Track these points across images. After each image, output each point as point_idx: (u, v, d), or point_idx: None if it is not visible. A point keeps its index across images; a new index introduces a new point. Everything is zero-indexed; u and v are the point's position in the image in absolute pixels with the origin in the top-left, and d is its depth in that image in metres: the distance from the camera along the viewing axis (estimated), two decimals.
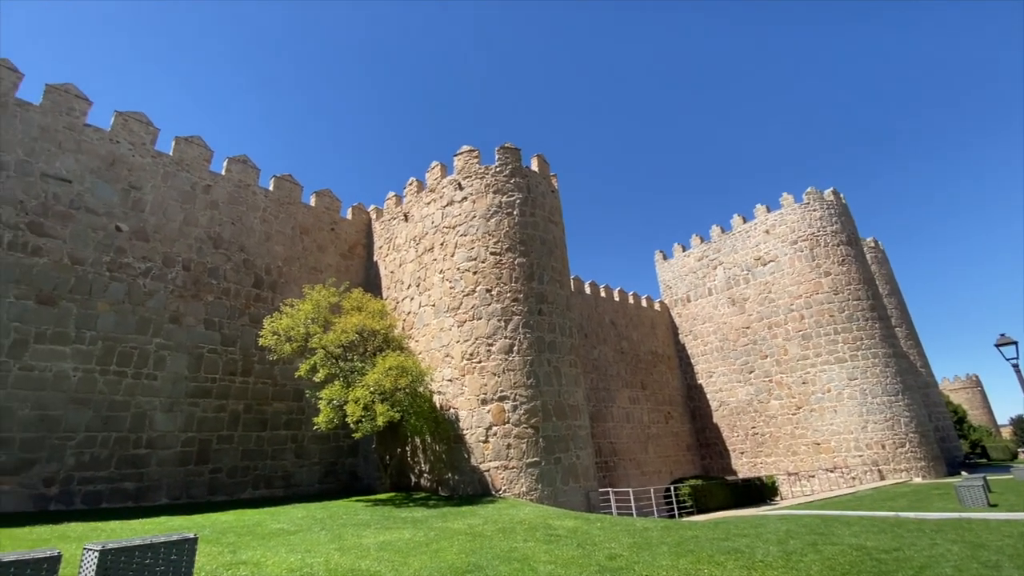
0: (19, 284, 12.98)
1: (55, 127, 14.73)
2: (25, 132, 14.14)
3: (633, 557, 7.48)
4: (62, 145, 14.73)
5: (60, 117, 14.90)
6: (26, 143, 14.08)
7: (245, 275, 17.77)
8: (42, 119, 14.55)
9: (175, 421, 14.76)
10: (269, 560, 6.91)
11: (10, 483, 11.82)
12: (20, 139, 14.01)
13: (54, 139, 14.63)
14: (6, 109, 13.97)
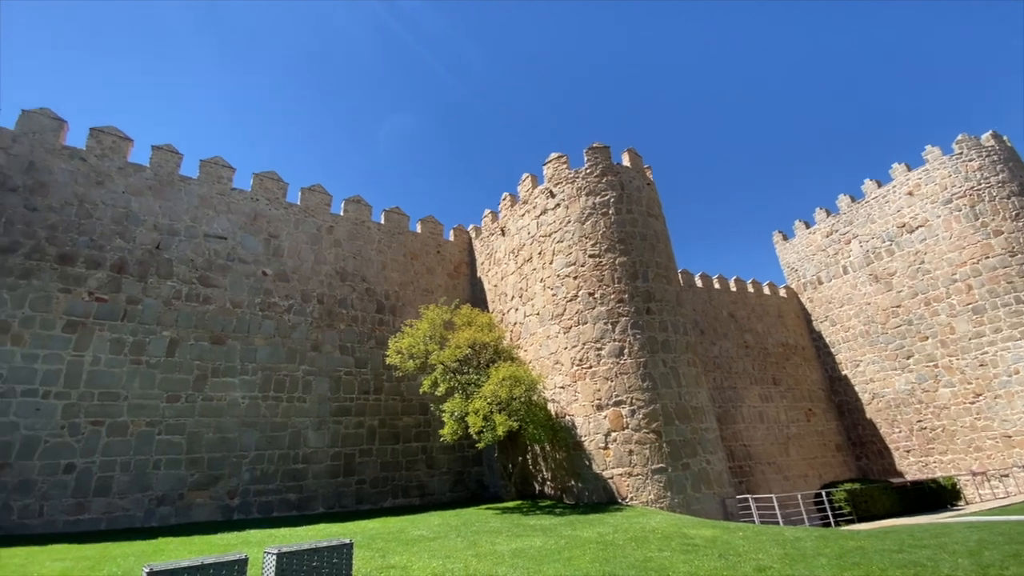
0: (196, 328, 15.57)
1: (210, 195, 17.55)
2: (189, 202, 17.03)
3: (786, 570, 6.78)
4: (216, 208, 17.49)
5: (213, 185, 17.72)
6: (191, 211, 16.95)
7: (368, 302, 19.51)
8: (199, 189, 17.42)
9: (324, 438, 16.56)
10: (415, 565, 7.39)
11: (203, 496, 14.12)
12: (186, 208, 16.90)
13: (210, 205, 17.43)
14: (173, 185, 16.97)
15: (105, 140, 16.14)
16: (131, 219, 15.69)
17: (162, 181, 16.72)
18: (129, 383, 14.01)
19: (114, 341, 14.17)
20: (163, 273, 15.62)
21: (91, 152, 15.78)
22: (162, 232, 16.09)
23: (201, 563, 5.26)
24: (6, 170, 14.23)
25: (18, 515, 11.79)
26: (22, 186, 14.30)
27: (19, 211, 14.04)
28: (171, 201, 16.64)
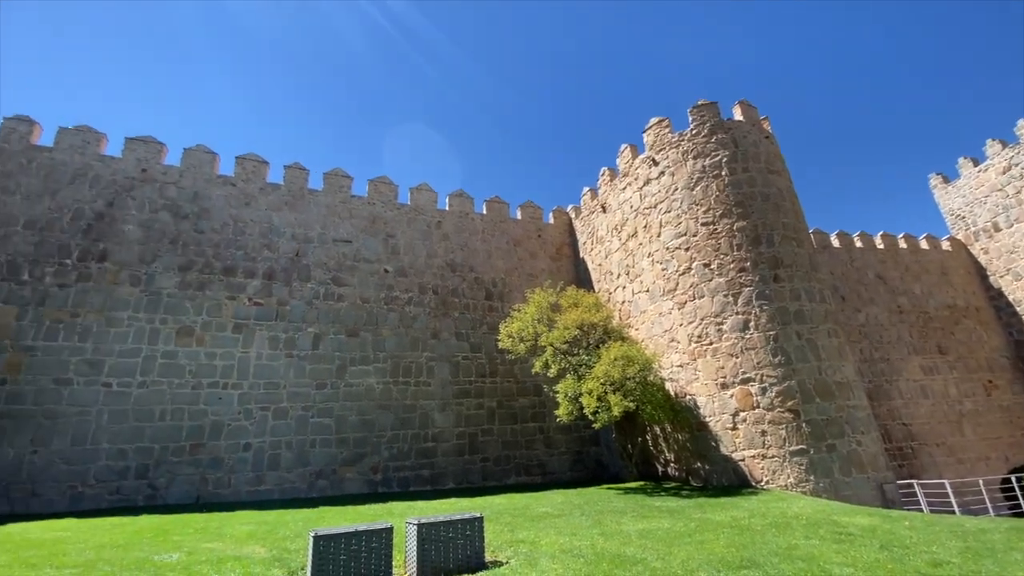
0: (334, 323, 17.44)
1: (334, 203, 19.41)
2: (318, 212, 19.01)
3: (969, 566, 5.79)
4: (340, 215, 19.31)
5: (336, 195, 19.57)
6: (320, 220, 18.92)
7: (478, 290, 20.28)
8: (325, 199, 19.34)
9: (448, 418, 17.69)
10: (542, 540, 7.59)
11: (352, 471, 15.89)
12: (316, 218, 18.89)
13: (336, 212, 19.29)
14: (304, 199, 19.03)
15: (247, 165, 18.60)
16: (274, 232, 17.95)
17: (295, 196, 18.86)
18: (286, 374, 16.18)
19: (271, 338, 16.43)
20: (303, 277, 17.69)
21: (238, 177, 18.30)
22: (299, 241, 18.19)
23: (355, 530, 5.91)
24: (178, 201, 17.07)
25: (212, 486, 14.33)
26: (191, 213, 17.07)
27: (191, 234, 16.79)
28: (304, 213, 18.72)
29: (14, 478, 12.63)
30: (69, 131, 16.46)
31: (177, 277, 16.00)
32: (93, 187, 16.06)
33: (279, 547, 7.28)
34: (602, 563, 6.25)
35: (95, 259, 15.26)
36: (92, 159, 16.40)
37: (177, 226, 16.67)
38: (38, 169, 15.62)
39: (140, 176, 16.80)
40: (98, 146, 16.72)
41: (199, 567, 6.09)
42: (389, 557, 5.97)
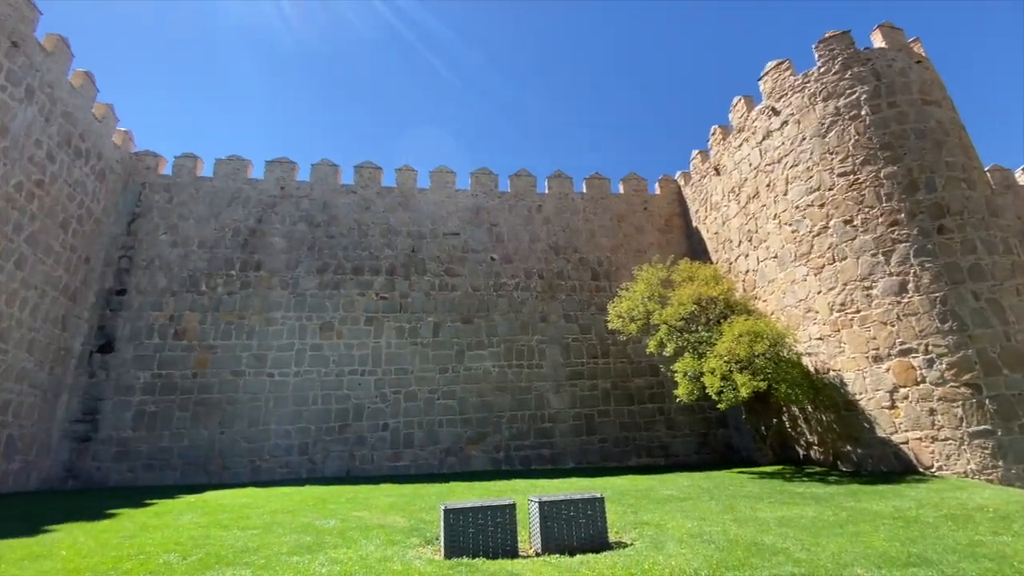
0: (450, 312, 18.44)
1: (441, 199, 20.39)
2: (428, 209, 20.12)
3: None
4: (448, 210, 20.25)
5: (442, 191, 20.53)
6: (430, 216, 20.01)
7: (583, 271, 20.01)
8: (433, 196, 20.38)
9: (563, 400, 17.83)
10: (668, 523, 7.32)
11: (476, 449, 16.79)
12: (427, 215, 20.02)
13: (443, 208, 20.26)
14: (415, 198, 20.25)
15: (365, 173, 20.27)
16: (392, 231, 19.41)
17: (406, 196, 20.17)
18: (412, 360, 17.54)
19: (397, 329, 17.89)
20: (420, 271, 18.93)
21: (358, 185, 20.04)
22: (414, 238, 19.46)
23: (481, 505, 6.21)
24: (311, 212, 19.21)
25: (359, 462, 16.10)
26: (322, 221, 19.11)
27: (324, 240, 18.81)
28: (415, 212, 19.95)
29: (209, 454, 15.42)
30: (223, 161, 19.31)
31: (316, 279, 18.09)
32: (245, 207, 18.72)
33: (416, 518, 7.94)
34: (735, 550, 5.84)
35: (252, 268, 17.83)
36: (242, 183, 19.09)
37: (312, 234, 18.78)
38: (203, 196, 18.62)
39: (280, 193, 19.20)
40: (246, 171, 19.41)
41: (351, 532, 6.87)
42: (514, 532, 6.19)
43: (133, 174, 18.37)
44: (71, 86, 15.24)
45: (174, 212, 18.11)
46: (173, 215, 18.06)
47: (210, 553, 5.64)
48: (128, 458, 14.94)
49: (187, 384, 15.97)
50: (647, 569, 5.17)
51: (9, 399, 12.82)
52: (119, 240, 17.36)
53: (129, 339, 16.18)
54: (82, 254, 15.80)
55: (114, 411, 15.32)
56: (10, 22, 12.83)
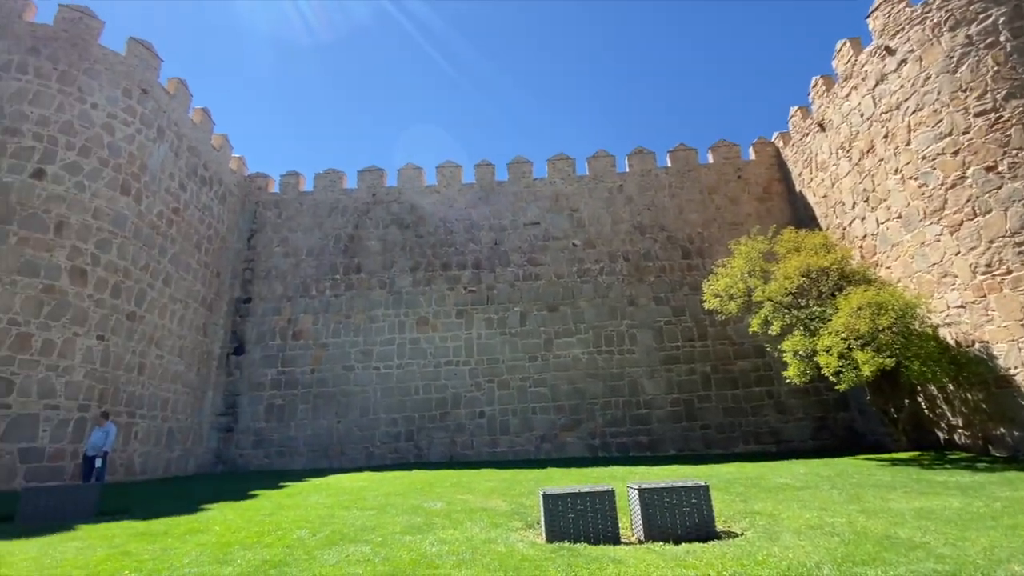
0: (535, 301, 18.57)
1: (519, 190, 20.51)
2: (507, 201, 20.34)
3: None
4: (526, 200, 20.32)
5: (520, 182, 20.63)
6: (510, 207, 20.22)
7: (672, 250, 19.09)
8: (511, 188, 20.56)
9: (659, 385, 17.24)
10: (783, 513, 6.80)
11: (571, 436, 16.82)
12: (507, 207, 20.25)
13: (522, 198, 20.36)
14: (494, 191, 20.55)
15: (446, 172, 20.95)
16: (474, 226, 19.91)
17: (486, 190, 20.55)
18: (502, 350, 17.95)
19: (486, 320, 18.38)
20: (503, 262, 19.25)
21: (440, 184, 20.78)
22: (495, 230, 19.81)
23: (579, 491, 6.20)
24: (401, 214, 20.27)
25: (460, 448, 16.86)
26: (411, 223, 20.10)
27: (414, 240, 19.79)
28: (496, 205, 20.28)
29: (329, 441, 17.02)
30: (321, 175, 21.00)
31: (410, 277, 19.11)
32: (343, 215, 20.23)
33: (517, 502, 8.15)
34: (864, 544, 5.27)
35: (354, 271, 19.27)
36: (339, 194, 20.64)
37: (403, 235, 19.84)
38: (307, 209, 20.40)
39: (372, 200, 20.49)
40: (341, 183, 20.94)
41: (456, 515, 7.23)
42: (615, 518, 6.11)
43: (248, 195, 20.63)
44: (192, 122, 17.41)
45: (284, 226, 20.07)
46: (284, 228, 20.02)
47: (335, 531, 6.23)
48: (263, 446, 16.97)
49: (306, 379, 17.73)
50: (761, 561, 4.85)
51: (167, 397, 15.11)
52: (242, 254, 19.64)
53: (256, 341, 18.29)
54: (214, 269, 18.10)
55: (249, 405, 17.46)
56: (138, 72, 14.93)
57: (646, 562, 4.95)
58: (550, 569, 4.70)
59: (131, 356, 13.58)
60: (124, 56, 14.56)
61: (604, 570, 4.68)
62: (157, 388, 14.60)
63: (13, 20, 13.14)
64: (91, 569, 4.71)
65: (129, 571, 4.65)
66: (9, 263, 11.31)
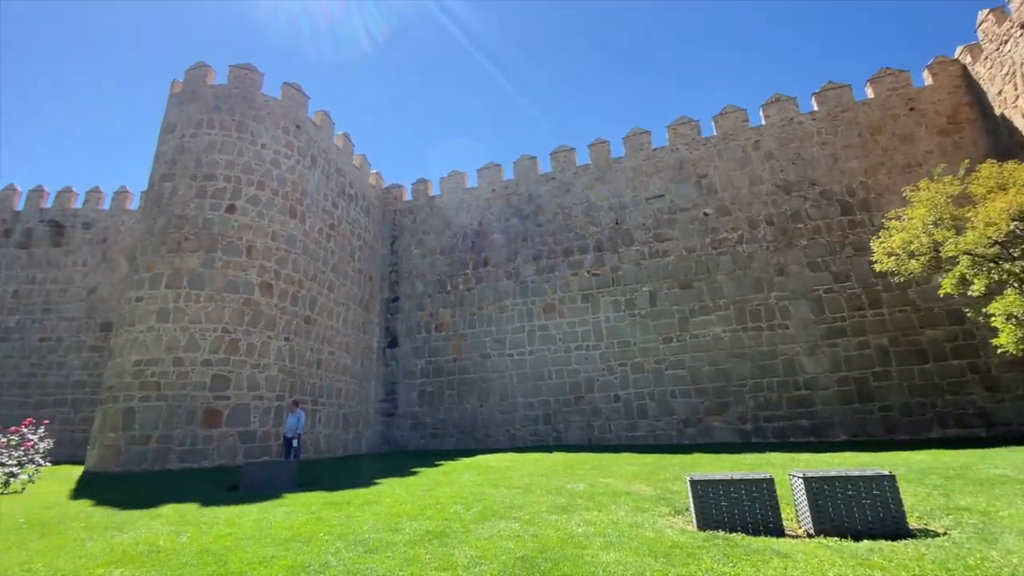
0: (665, 279, 17.61)
1: (638, 164, 19.53)
2: (625, 178, 19.51)
3: None
4: (646, 173, 19.28)
5: (638, 155, 19.63)
6: (629, 184, 19.38)
7: (828, 207, 16.61)
8: (629, 163, 19.66)
9: (821, 363, 15.22)
10: (1001, 511, 5.55)
11: (718, 420, 15.69)
12: (625, 184, 19.44)
13: (642, 172, 19.38)
14: (610, 169, 19.86)
15: (560, 157, 20.83)
16: (593, 208, 19.52)
17: (602, 169, 19.98)
18: (632, 332, 17.41)
19: (613, 302, 17.97)
20: (626, 242, 18.58)
21: (555, 170, 20.74)
22: (615, 210, 19.19)
23: (731, 478, 5.76)
24: (519, 205, 20.70)
25: (597, 431, 16.79)
26: (529, 213, 20.41)
27: (534, 229, 20.08)
28: (613, 183, 19.62)
29: (474, 424, 18.20)
30: (446, 179, 22.34)
31: (533, 266, 19.48)
32: (468, 213, 21.32)
33: (662, 487, 7.86)
34: None
35: (481, 265, 20.24)
36: (463, 194, 21.77)
37: (523, 225, 20.27)
38: (436, 212, 21.89)
39: (492, 195, 21.25)
40: (463, 183, 22.06)
41: (600, 497, 7.21)
42: (776, 509, 5.56)
43: (387, 205, 22.82)
44: (337, 148, 19.72)
45: (419, 229, 21.83)
46: (419, 232, 21.79)
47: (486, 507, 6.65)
48: (419, 428, 18.79)
49: (450, 367, 19.17)
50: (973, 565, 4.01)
51: (340, 387, 17.49)
52: (387, 259, 21.84)
53: (406, 335, 20.25)
54: (366, 274, 20.42)
55: (404, 392, 19.44)
56: (292, 111, 17.29)
57: (818, 558, 4.42)
58: (704, 558, 4.44)
59: (310, 353, 15.99)
60: (280, 100, 17.01)
61: (768, 563, 4.28)
62: (332, 379, 17.00)
63: (200, 85, 16.17)
64: (296, 531, 5.66)
65: (324, 534, 5.48)
66: (218, 283, 14.05)
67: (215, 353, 13.37)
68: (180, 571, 4.37)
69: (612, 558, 4.51)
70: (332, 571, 4.28)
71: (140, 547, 5.11)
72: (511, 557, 4.55)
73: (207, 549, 4.99)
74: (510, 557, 4.55)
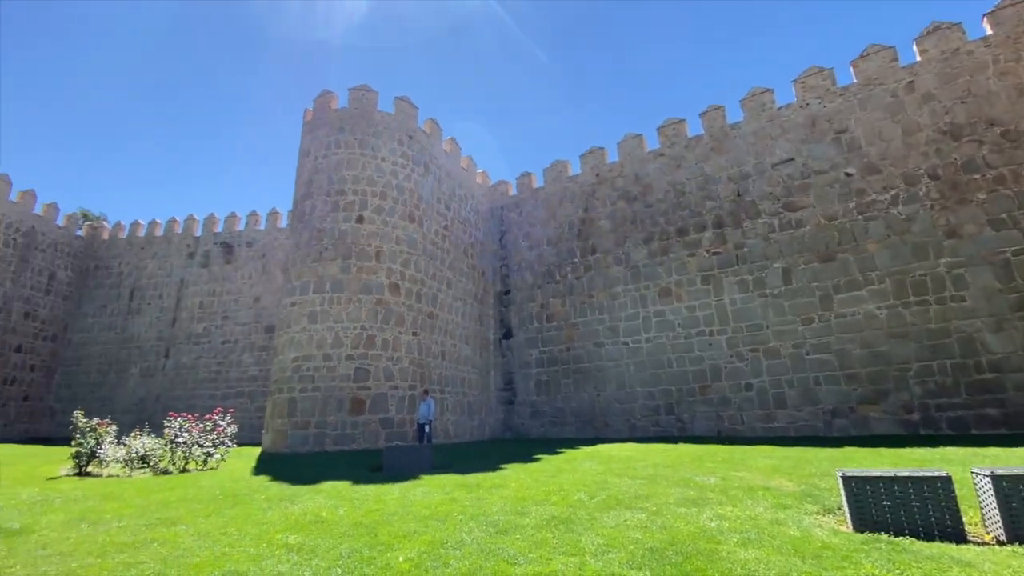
0: (800, 253, 15.76)
1: (760, 127, 17.66)
2: (745, 144, 17.76)
3: None
4: (771, 136, 17.37)
5: (759, 117, 17.75)
6: (751, 150, 17.60)
7: (1012, 151, 13.53)
8: (749, 127, 17.84)
9: (1013, 340, 12.52)
10: None
11: (875, 410, 13.71)
12: (746, 150, 17.70)
13: (765, 135, 17.49)
14: (727, 137, 18.22)
15: (667, 131, 19.67)
16: (710, 181, 18.14)
17: (716, 138, 18.45)
18: (764, 314, 15.89)
19: (739, 282, 16.57)
20: (751, 214, 16.97)
21: (663, 146, 19.63)
22: (735, 180, 17.62)
23: (895, 474, 5.02)
24: (625, 187, 19.97)
25: (727, 422, 15.64)
26: (637, 194, 19.60)
27: (643, 211, 19.24)
28: (731, 152, 18.02)
29: (592, 413, 18.09)
30: (549, 168, 22.35)
31: (644, 249, 18.71)
32: (572, 202, 21.14)
33: (807, 483, 7.11)
34: None
35: (589, 252, 19.96)
36: (566, 182, 21.63)
37: (631, 208, 19.54)
38: (541, 203, 22.03)
39: (596, 180, 20.81)
40: (566, 171, 21.90)
41: (733, 491, 6.74)
42: (955, 511, 4.73)
43: (494, 201, 23.53)
44: (445, 153, 20.78)
45: (525, 222, 22.19)
46: (525, 224, 22.15)
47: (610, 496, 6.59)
48: (538, 416, 19.20)
49: (563, 356, 19.27)
50: None
51: (464, 376, 18.52)
52: (497, 253, 22.56)
53: (519, 326, 20.78)
54: (479, 269, 21.31)
55: (522, 381, 19.99)
56: (404, 123, 18.55)
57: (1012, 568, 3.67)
58: (864, 563, 3.94)
59: (435, 346, 17.18)
60: (394, 114, 18.38)
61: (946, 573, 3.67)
62: (456, 370, 18.09)
63: (326, 111, 18.09)
64: (433, 509, 6.15)
65: (457, 513, 5.88)
66: (354, 286, 15.69)
67: (356, 348, 14.96)
68: (340, 539, 5.00)
69: (751, 555, 4.20)
70: (467, 549, 4.57)
71: (308, 517, 5.95)
72: (639, 547, 4.46)
73: (360, 522, 5.64)
74: (638, 547, 4.46)
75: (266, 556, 4.53)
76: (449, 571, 4.05)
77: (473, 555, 4.40)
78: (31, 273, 24.71)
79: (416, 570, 4.10)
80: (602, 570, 3.96)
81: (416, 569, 4.12)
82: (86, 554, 4.71)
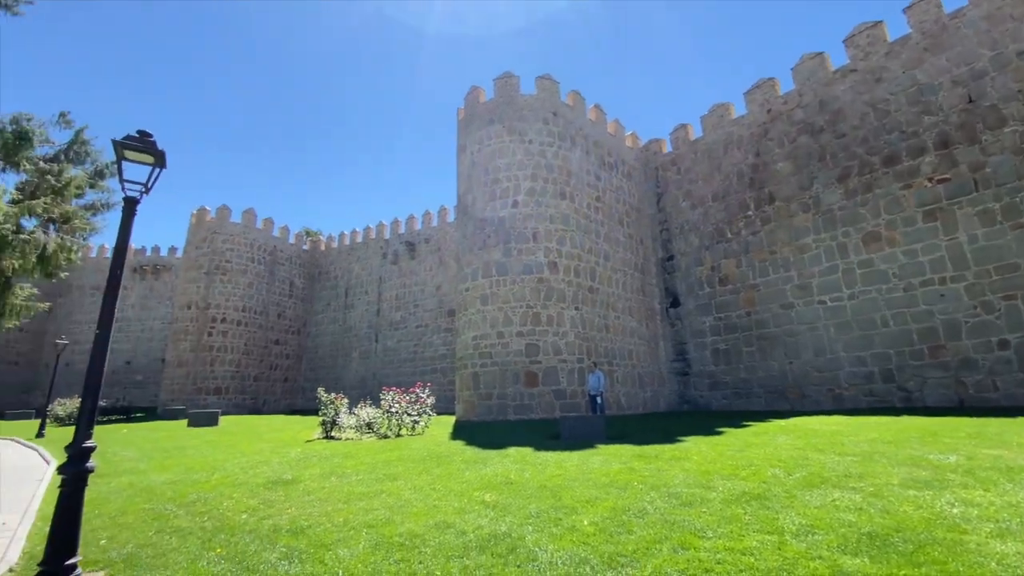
0: None
1: (995, 7, 13.33)
2: (976, 33, 13.62)
3: None
4: (1013, 16, 12.99)
5: None
6: (986, 38, 13.45)
7: None
8: (978, 10, 13.59)
9: None
10: None
11: None
12: (981, 40, 13.58)
13: (1004, 17, 13.22)
14: (945, 30, 14.16)
15: (859, 41, 16.12)
16: (925, 91, 14.43)
17: (931, 34, 14.50)
18: (1019, 250, 12.20)
19: (980, 214, 12.98)
20: (991, 124, 13.06)
21: (855, 60, 16.16)
22: (963, 83, 13.70)
23: None
24: (807, 119, 16.99)
25: (973, 389, 12.49)
26: (823, 124, 16.53)
27: (833, 143, 16.19)
28: (954, 47, 14.03)
29: (783, 383, 16.15)
30: (706, 116, 20.23)
31: (839, 189, 15.83)
32: (739, 148, 18.85)
33: None
34: None
35: (766, 203, 17.65)
36: (728, 126, 19.35)
37: (818, 142, 16.64)
38: (700, 156, 20.11)
39: (767, 118, 18.18)
40: (729, 114, 19.57)
41: (983, 472, 5.43)
42: None
43: (647, 163, 22.30)
44: (591, 122, 20.30)
45: (684, 179, 20.59)
46: (684, 182, 20.56)
47: (812, 473, 5.88)
48: (718, 388, 17.92)
49: (743, 322, 17.55)
50: None
51: (631, 348, 18.22)
52: (656, 218, 21.43)
53: (687, 293, 19.54)
54: (637, 238, 20.55)
55: (696, 351, 18.83)
56: (547, 101, 18.57)
57: None
58: None
59: (598, 319, 17.21)
60: (537, 94, 18.59)
61: None
62: (621, 342, 17.90)
63: (476, 106, 19.12)
64: (612, 477, 6.26)
65: (637, 483, 5.90)
66: (516, 268, 16.53)
67: (524, 325, 15.83)
68: (528, 500, 5.44)
69: (1011, 550, 3.36)
70: (650, 518, 4.56)
71: (498, 479, 6.58)
72: (853, 531, 3.92)
73: (544, 485, 6.04)
74: (852, 531, 3.92)
75: (467, 511, 5.17)
76: (634, 537, 4.10)
77: (657, 524, 4.38)
78: (277, 283, 31.76)
79: (601, 533, 4.25)
80: (806, 552, 3.59)
81: (601, 532, 4.27)
82: (336, 500, 5.98)
